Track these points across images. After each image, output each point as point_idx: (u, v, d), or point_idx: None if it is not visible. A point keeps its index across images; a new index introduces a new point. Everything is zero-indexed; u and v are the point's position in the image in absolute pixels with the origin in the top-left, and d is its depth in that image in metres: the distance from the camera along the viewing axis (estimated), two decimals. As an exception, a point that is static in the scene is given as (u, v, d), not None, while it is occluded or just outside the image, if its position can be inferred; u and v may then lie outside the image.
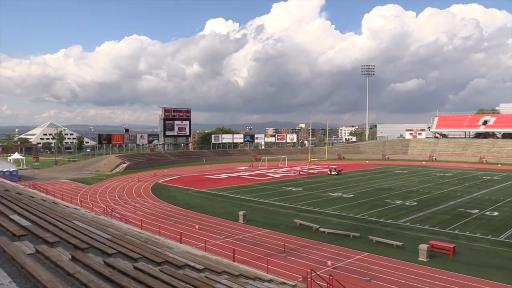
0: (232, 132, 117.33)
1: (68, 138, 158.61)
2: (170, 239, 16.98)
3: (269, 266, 17.39)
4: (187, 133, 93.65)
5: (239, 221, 29.21)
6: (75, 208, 18.48)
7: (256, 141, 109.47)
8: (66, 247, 8.01)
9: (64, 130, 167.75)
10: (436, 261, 20.57)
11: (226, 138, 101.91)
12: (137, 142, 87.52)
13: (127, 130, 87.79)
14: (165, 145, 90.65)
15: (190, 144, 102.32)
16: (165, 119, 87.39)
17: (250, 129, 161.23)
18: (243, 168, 71.53)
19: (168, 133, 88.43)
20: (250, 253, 21.60)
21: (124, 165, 68.91)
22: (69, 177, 56.93)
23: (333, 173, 61.23)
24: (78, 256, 7.03)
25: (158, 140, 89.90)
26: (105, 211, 28.46)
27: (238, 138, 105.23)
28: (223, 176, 59.35)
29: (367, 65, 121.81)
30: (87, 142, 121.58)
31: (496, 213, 32.50)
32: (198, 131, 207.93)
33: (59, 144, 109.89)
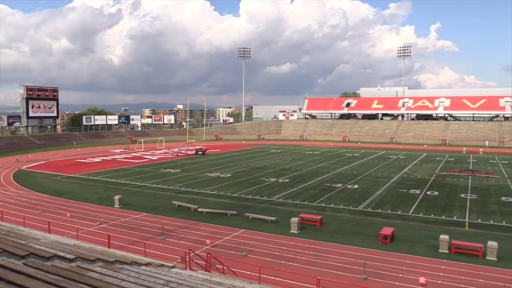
0: (106, 113, 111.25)
1: None
2: (36, 229, 15.73)
3: (147, 250, 17.19)
4: (55, 114, 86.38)
5: (115, 206, 28.14)
6: None
7: (132, 122, 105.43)
8: None
9: None
10: (306, 232, 22.30)
11: (99, 120, 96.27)
12: (-6, 125, 78.15)
13: (-20, 111, 77.71)
14: (29, 127, 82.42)
15: (58, 126, 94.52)
16: (28, 99, 79.20)
17: (126, 110, 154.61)
18: (118, 151, 68.52)
19: (32, 114, 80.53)
20: (127, 238, 21.02)
21: (-21, 150, 61.16)
22: None
23: (199, 153, 62.48)
24: None
25: (20, 122, 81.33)
26: (-44, 203, 25.13)
27: (113, 120, 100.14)
28: (97, 159, 56.27)
29: (243, 48, 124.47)
30: None
31: (356, 186, 36.22)
32: (67, 112, 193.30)
33: None
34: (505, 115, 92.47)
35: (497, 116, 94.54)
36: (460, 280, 16.05)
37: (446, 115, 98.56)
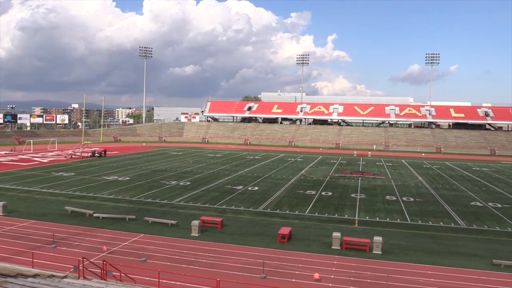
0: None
1: None
2: None
3: (35, 260, 15.91)
4: None
5: (-2, 214, 25.60)
6: None
7: (19, 121, 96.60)
8: None
9: None
10: (206, 234, 22.34)
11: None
12: None
13: None
14: None
15: None
16: None
17: (12, 107, 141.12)
18: (3, 152, 62.46)
19: None
20: (12, 248, 19.26)
21: None
22: None
23: (96, 155, 59.86)
24: None
25: None
26: None
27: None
28: (-24, 162, 50.70)
29: (145, 47, 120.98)
30: None
31: (256, 188, 37.16)
32: None
33: None
34: (390, 122, 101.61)
35: (383, 122, 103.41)
36: (350, 274, 17.27)
37: (340, 121, 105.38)
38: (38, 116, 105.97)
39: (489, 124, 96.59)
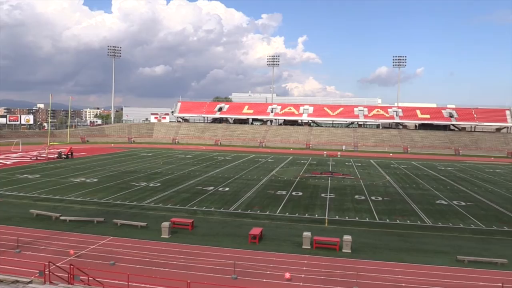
0: None
1: None
2: None
3: (-2, 265, 15.40)
4: None
5: (-42, 218, 24.60)
6: None
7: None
8: None
9: None
10: (177, 236, 22.14)
11: None
12: None
13: None
14: None
15: None
16: None
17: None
18: (-38, 154, 60.08)
19: None
20: (-27, 253, 18.54)
21: None
22: None
23: (63, 156, 58.42)
24: None
25: None
26: None
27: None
28: None
29: (113, 46, 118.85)
30: None
31: (227, 189, 37.09)
32: None
33: None
34: (359, 123, 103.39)
35: (352, 123, 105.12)
36: (320, 273, 17.47)
37: (310, 121, 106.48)
38: (1, 116, 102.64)
39: (453, 125, 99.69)
